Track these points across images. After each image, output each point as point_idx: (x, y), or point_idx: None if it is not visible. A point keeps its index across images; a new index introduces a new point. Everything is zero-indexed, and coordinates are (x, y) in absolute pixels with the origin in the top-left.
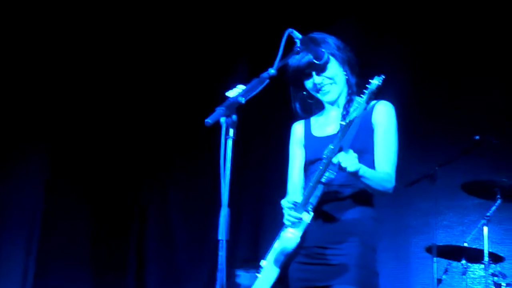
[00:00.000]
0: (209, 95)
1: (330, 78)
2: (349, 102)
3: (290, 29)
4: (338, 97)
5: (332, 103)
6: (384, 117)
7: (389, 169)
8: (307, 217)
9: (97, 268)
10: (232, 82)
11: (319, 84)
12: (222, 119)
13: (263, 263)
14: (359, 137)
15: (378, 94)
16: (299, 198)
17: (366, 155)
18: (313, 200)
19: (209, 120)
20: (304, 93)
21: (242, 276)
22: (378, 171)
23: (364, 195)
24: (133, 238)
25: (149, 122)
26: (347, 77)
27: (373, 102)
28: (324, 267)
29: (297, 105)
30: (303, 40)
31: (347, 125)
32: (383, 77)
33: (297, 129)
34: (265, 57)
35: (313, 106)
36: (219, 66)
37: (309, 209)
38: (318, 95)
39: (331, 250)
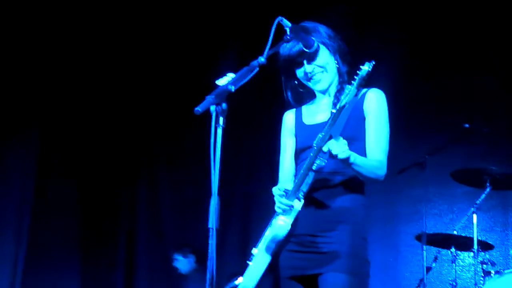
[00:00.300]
0: (198, 84)
1: (321, 67)
2: (340, 90)
3: (280, 17)
4: (329, 85)
5: (323, 92)
6: (375, 104)
7: (380, 156)
8: (298, 204)
9: (87, 258)
10: (222, 71)
11: (310, 73)
12: (212, 108)
13: (254, 251)
14: (350, 125)
15: (368, 81)
16: (290, 186)
17: (357, 142)
18: (304, 187)
19: (198, 109)
20: (296, 82)
21: (180, 261)
22: (370, 158)
23: (355, 182)
24: (123, 228)
25: (140, 111)
26: (338, 65)
27: (364, 90)
28: (315, 255)
29: (289, 94)
30: (293, 29)
31: (337, 112)
32: (374, 63)
33: (288, 118)
34: (255, 45)
35: (305, 95)
36: (208, 55)
37: (300, 196)
38: (309, 84)
39: (322, 238)
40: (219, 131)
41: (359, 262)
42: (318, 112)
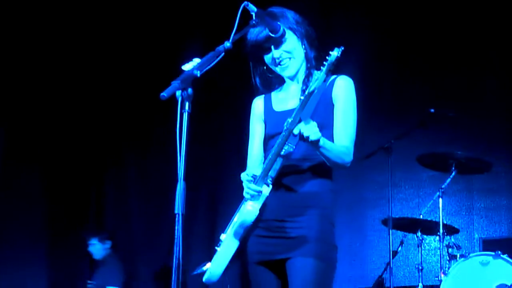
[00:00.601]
0: (165, 69)
1: (288, 52)
2: (308, 76)
3: (245, 2)
4: (298, 71)
5: (292, 78)
6: (343, 91)
7: (347, 143)
8: (266, 190)
9: (53, 244)
10: (188, 56)
11: (278, 58)
12: (178, 93)
13: (222, 236)
14: (318, 112)
15: (337, 66)
16: (258, 172)
17: (325, 129)
18: (272, 173)
19: (164, 94)
20: (264, 68)
21: (95, 246)
22: (337, 144)
23: (323, 168)
24: (90, 213)
25: (105, 99)
26: (305, 51)
27: (333, 76)
28: (283, 240)
29: (257, 80)
30: (258, 13)
31: (306, 98)
32: (343, 48)
33: (257, 104)
34: (221, 30)
35: (273, 81)
36: (174, 41)
37: (269, 182)
38: (278, 70)
39: (290, 223)
40: (185, 116)
41: (327, 247)
42: (287, 98)
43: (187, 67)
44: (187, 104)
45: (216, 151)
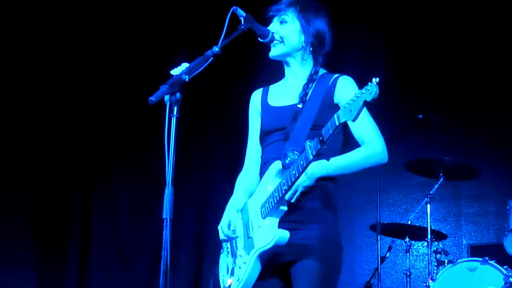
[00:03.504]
0: (153, 73)
1: (281, 37)
2: (309, 82)
3: (234, 7)
4: (286, 60)
5: (292, 73)
6: (350, 92)
7: (377, 139)
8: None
9: (39, 250)
10: (177, 61)
11: (274, 33)
12: (166, 97)
13: (240, 252)
14: (320, 115)
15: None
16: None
17: None
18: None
19: (152, 98)
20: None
21: None
22: (356, 152)
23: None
24: (76, 218)
25: (93, 101)
26: (305, 48)
27: (335, 76)
28: (289, 243)
29: None
30: (247, 18)
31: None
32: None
33: (256, 98)
34: (210, 35)
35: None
36: (163, 45)
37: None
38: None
39: (295, 223)
40: (173, 120)
41: (333, 249)
42: (284, 93)
43: (175, 71)
44: (175, 108)
45: (204, 155)
